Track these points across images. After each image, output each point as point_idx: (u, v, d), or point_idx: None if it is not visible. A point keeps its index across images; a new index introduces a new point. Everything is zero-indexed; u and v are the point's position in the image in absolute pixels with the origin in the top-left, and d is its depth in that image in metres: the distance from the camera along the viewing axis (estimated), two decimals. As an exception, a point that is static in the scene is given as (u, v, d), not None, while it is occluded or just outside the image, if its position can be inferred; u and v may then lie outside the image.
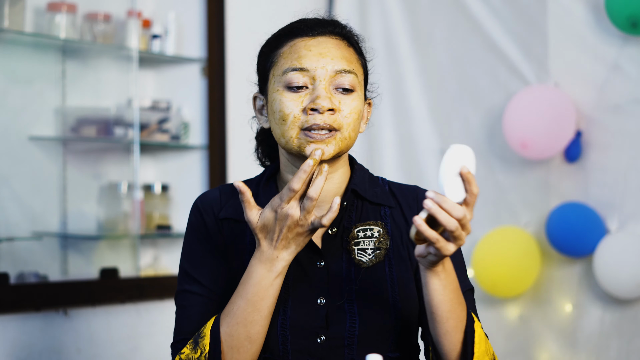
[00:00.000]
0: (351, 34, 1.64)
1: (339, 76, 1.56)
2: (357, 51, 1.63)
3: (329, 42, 1.58)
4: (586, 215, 2.89)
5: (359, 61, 1.62)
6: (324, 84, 1.55)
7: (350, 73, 1.57)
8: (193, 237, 1.65)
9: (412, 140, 3.42)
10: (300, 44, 1.58)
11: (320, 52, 1.56)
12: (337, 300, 1.58)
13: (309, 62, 1.56)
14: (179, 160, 3.39)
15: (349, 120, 1.55)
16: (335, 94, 1.56)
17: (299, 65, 1.55)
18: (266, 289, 1.50)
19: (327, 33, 1.60)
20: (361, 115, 1.60)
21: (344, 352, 1.57)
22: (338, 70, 1.56)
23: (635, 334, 2.83)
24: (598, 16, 2.90)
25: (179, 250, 3.27)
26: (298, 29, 1.60)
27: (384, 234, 1.63)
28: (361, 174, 1.68)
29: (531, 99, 2.98)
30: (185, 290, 1.62)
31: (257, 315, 1.50)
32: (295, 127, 1.54)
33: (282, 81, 1.56)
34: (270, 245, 1.49)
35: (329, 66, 1.55)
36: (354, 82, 1.57)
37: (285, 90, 1.56)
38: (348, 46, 1.61)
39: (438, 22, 3.37)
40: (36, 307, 2.86)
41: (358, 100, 1.58)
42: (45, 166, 3.08)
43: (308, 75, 1.55)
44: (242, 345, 1.51)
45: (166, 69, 3.41)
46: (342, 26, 1.63)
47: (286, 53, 1.58)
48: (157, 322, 3.15)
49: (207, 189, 3.01)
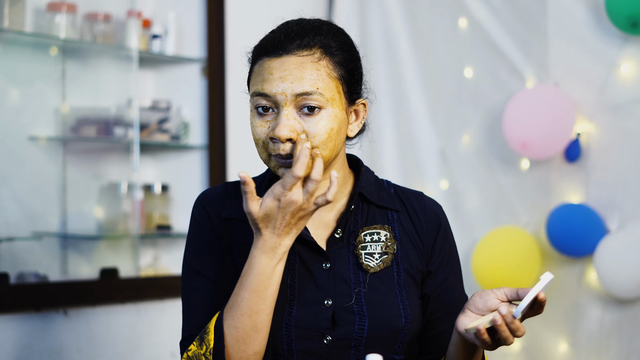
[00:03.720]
0: (330, 40, 1.56)
1: (301, 99, 1.52)
2: (334, 60, 1.56)
3: (292, 63, 1.53)
4: (586, 215, 2.89)
5: (332, 74, 1.55)
6: (286, 110, 1.52)
7: (313, 94, 1.52)
8: (197, 231, 1.64)
9: (412, 140, 3.42)
10: (265, 64, 1.55)
11: (281, 75, 1.52)
12: (344, 302, 1.58)
13: (269, 86, 1.52)
14: (179, 160, 3.39)
15: (315, 142, 1.51)
16: (301, 117, 1.52)
17: (261, 91, 1.53)
18: (269, 277, 1.50)
19: (292, 50, 1.54)
20: (339, 126, 1.55)
21: (349, 352, 1.57)
22: (298, 93, 1.51)
23: (635, 334, 2.83)
24: (598, 16, 2.90)
25: (179, 250, 3.27)
26: (265, 48, 1.56)
27: (391, 238, 1.63)
28: (367, 176, 1.67)
29: (531, 99, 2.98)
30: (191, 286, 1.62)
31: (262, 305, 1.50)
32: (265, 152, 1.55)
33: (253, 102, 1.56)
34: (272, 233, 1.49)
35: (289, 91, 1.51)
36: (321, 101, 1.52)
37: (255, 113, 1.56)
38: (319, 59, 1.54)
39: (438, 22, 3.37)
40: (36, 307, 2.86)
41: (328, 118, 1.53)
42: (45, 166, 3.08)
43: (270, 100, 1.53)
44: (248, 335, 1.50)
45: (166, 69, 3.41)
46: (315, 34, 1.56)
47: (255, 73, 1.57)
48: (157, 322, 3.15)
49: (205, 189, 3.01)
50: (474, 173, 3.26)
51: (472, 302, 1.51)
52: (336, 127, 1.54)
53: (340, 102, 1.56)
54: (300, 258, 1.60)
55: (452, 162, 3.32)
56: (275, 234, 1.49)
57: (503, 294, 1.50)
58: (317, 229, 1.63)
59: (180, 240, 3.29)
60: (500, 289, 1.50)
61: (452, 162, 3.32)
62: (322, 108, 1.53)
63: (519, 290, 1.48)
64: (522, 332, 1.45)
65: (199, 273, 1.61)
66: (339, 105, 1.55)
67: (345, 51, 1.58)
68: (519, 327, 1.44)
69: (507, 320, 1.43)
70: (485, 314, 1.50)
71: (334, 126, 1.54)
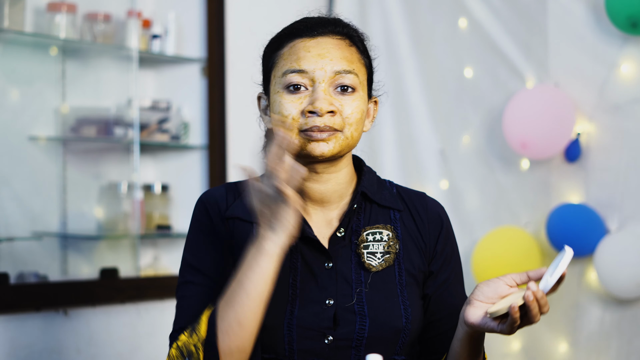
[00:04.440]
0: (354, 32, 1.63)
1: (339, 77, 1.56)
2: (360, 50, 1.63)
3: (328, 43, 1.58)
4: (586, 215, 2.89)
5: (362, 60, 1.62)
6: (324, 85, 1.55)
7: (350, 73, 1.56)
8: (197, 229, 1.64)
9: (412, 140, 3.42)
10: (300, 44, 1.58)
11: (320, 53, 1.56)
12: (346, 302, 1.58)
13: (307, 63, 1.56)
14: (179, 160, 3.39)
15: (350, 120, 1.55)
16: (335, 95, 1.56)
17: (297, 67, 1.56)
18: (250, 265, 1.47)
19: (327, 33, 1.59)
20: (365, 114, 1.60)
21: (350, 353, 1.57)
22: (337, 70, 1.56)
23: (635, 334, 2.83)
24: (598, 16, 2.90)
25: (179, 250, 3.27)
26: (298, 30, 1.60)
27: (393, 238, 1.63)
28: (370, 176, 1.68)
29: (531, 99, 2.98)
30: (186, 281, 1.61)
31: (245, 298, 1.46)
32: (294, 129, 1.54)
33: (282, 82, 1.57)
34: (262, 223, 1.47)
35: (328, 67, 1.55)
36: (355, 82, 1.57)
37: (285, 92, 1.56)
38: (350, 45, 1.60)
39: (438, 22, 3.37)
40: (36, 307, 2.86)
41: (360, 100, 1.57)
42: (45, 166, 3.08)
43: (307, 77, 1.55)
44: (230, 327, 1.47)
45: (166, 69, 3.41)
46: (344, 25, 1.63)
47: (286, 54, 1.58)
48: (157, 322, 3.15)
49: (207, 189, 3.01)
50: (474, 173, 3.26)
51: (480, 292, 1.51)
52: (362, 114, 1.59)
53: (365, 91, 1.61)
54: (302, 257, 1.60)
55: (452, 162, 3.32)
56: (264, 224, 1.47)
57: (512, 279, 1.51)
58: (320, 227, 1.63)
59: (181, 240, 3.29)
60: (507, 276, 1.51)
61: (452, 162, 3.32)
62: (355, 90, 1.57)
63: (529, 272, 1.50)
64: (548, 308, 1.46)
65: (195, 269, 1.61)
66: (364, 95, 1.60)
67: (365, 46, 1.65)
68: (546, 302, 1.45)
69: (538, 295, 1.43)
70: (496, 301, 1.50)
71: (364, 109, 1.59)
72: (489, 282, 1.52)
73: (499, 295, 1.50)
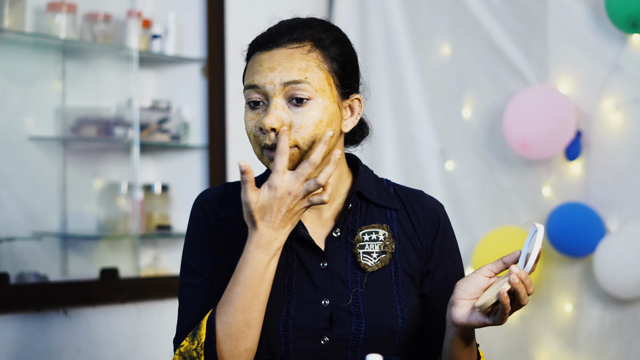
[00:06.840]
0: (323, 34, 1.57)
1: (290, 88, 1.52)
2: (326, 52, 1.57)
3: (281, 54, 1.54)
4: (586, 215, 2.89)
5: (327, 62, 1.56)
6: (276, 100, 1.53)
7: (301, 83, 1.52)
8: (194, 230, 1.64)
9: (412, 140, 3.42)
10: (257, 58, 1.57)
11: (270, 66, 1.54)
12: (342, 302, 1.57)
13: (259, 78, 1.54)
14: (179, 160, 3.39)
15: (301, 134, 1.52)
16: (291, 108, 1.53)
17: (252, 83, 1.55)
18: (263, 273, 1.49)
19: (282, 43, 1.55)
20: (331, 118, 1.55)
21: (347, 354, 1.57)
22: (286, 82, 1.52)
23: (635, 334, 2.83)
24: (598, 16, 2.90)
25: (179, 250, 3.27)
26: (257, 43, 1.59)
27: (389, 237, 1.62)
28: (366, 175, 1.67)
29: (531, 99, 2.98)
30: (187, 284, 1.62)
31: (255, 301, 1.49)
32: (258, 145, 1.55)
33: (245, 98, 1.57)
34: (268, 226, 1.48)
35: (277, 80, 1.52)
36: (309, 91, 1.53)
37: (247, 108, 1.57)
38: (310, 51, 1.55)
39: (438, 22, 3.37)
40: (36, 307, 2.86)
41: (318, 109, 1.53)
42: (45, 166, 3.08)
43: (260, 92, 1.54)
44: (240, 331, 1.49)
45: (166, 69, 3.41)
46: (305, 28, 1.57)
47: (248, 68, 1.59)
48: (157, 322, 3.15)
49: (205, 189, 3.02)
50: (473, 173, 3.26)
51: (461, 291, 1.51)
52: (326, 119, 1.54)
53: (332, 94, 1.56)
54: (297, 257, 1.60)
55: (452, 162, 3.32)
56: (271, 227, 1.48)
57: (488, 270, 1.52)
58: (315, 227, 1.63)
59: (180, 240, 3.29)
60: (483, 268, 1.52)
61: (452, 162, 3.32)
62: (310, 99, 1.53)
63: (503, 258, 1.52)
64: (534, 288, 1.48)
65: (194, 271, 1.62)
66: (329, 98, 1.55)
67: (336, 45, 1.59)
68: (531, 282, 1.46)
69: (523, 276, 1.44)
70: (479, 295, 1.50)
71: (323, 118, 1.53)
72: (467, 278, 1.52)
73: (480, 288, 1.50)
